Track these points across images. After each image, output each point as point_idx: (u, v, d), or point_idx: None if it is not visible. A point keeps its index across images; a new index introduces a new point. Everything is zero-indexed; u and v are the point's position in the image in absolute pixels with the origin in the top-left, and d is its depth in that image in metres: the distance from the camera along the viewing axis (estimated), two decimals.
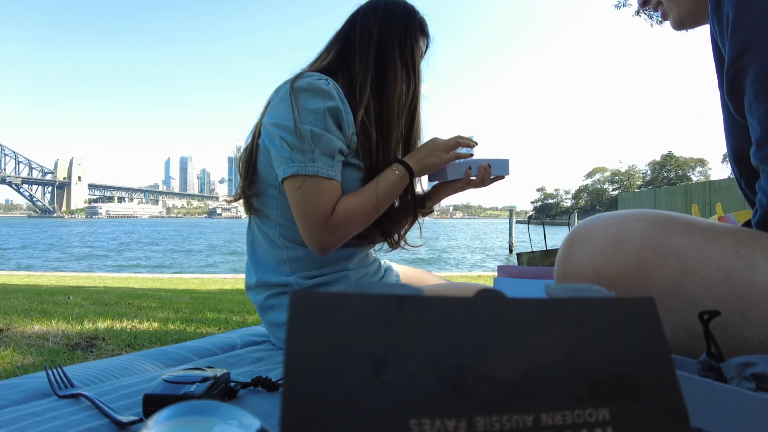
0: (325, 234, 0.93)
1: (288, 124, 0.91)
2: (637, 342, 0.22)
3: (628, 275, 0.60)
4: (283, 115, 0.92)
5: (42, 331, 2.43)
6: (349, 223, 0.95)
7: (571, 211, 11.43)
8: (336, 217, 0.93)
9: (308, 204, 0.92)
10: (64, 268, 12.54)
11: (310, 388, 0.18)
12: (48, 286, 5.26)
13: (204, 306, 3.64)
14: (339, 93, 0.95)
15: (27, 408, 0.67)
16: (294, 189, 0.92)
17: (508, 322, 0.21)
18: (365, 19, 1.05)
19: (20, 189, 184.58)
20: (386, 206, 1.01)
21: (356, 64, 1.02)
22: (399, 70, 1.03)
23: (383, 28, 1.04)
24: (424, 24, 1.10)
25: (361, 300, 0.21)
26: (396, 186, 1.00)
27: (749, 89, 0.58)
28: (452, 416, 0.19)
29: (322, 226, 0.92)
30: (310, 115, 0.91)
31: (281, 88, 0.96)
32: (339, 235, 0.95)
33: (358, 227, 0.98)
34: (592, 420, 0.20)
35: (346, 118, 0.95)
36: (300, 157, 0.91)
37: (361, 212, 0.96)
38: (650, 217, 0.63)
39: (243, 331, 1.24)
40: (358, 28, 1.05)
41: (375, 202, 0.97)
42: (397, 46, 1.04)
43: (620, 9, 7.40)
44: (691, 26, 0.76)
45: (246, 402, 0.72)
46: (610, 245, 0.62)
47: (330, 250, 0.97)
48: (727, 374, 0.49)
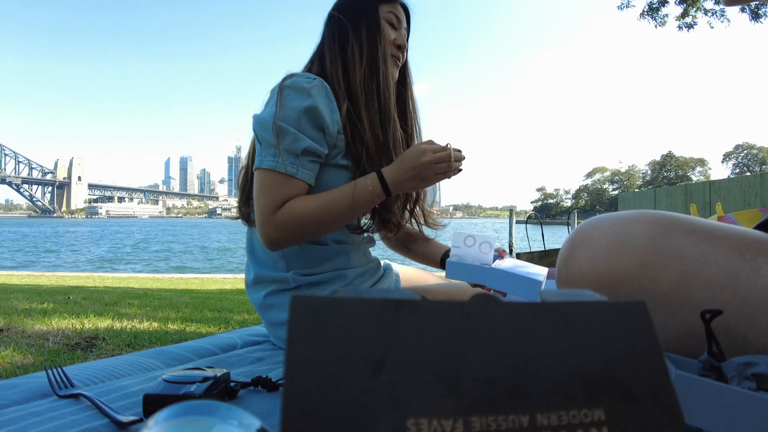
0: (266, 228, 0.91)
1: (264, 119, 0.93)
2: (629, 344, 0.22)
3: (632, 277, 0.59)
4: (265, 111, 0.95)
5: (42, 331, 2.43)
6: (294, 224, 0.91)
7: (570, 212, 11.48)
8: (279, 215, 0.90)
9: (259, 197, 0.92)
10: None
11: (309, 388, 0.19)
12: (48, 286, 5.26)
13: (204, 306, 3.64)
14: (323, 92, 0.94)
15: (27, 408, 0.67)
16: (255, 181, 0.94)
17: (502, 325, 0.22)
18: (330, 18, 1.07)
19: (20, 189, 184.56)
20: (348, 218, 0.96)
21: (328, 62, 1.02)
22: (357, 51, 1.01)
23: (340, 17, 1.04)
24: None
25: (360, 304, 0.21)
26: (365, 201, 0.93)
27: None
28: (449, 416, 0.19)
29: (266, 221, 0.91)
30: (284, 112, 0.92)
31: (273, 89, 0.98)
32: (280, 234, 0.91)
33: (307, 232, 0.93)
34: (587, 420, 0.20)
35: (329, 117, 0.94)
36: (265, 151, 0.92)
37: (313, 218, 0.91)
38: (653, 218, 0.62)
39: (243, 331, 1.24)
40: (326, 28, 1.07)
41: (335, 213, 0.92)
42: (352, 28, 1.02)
43: (623, 10, 7.42)
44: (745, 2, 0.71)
45: (246, 402, 0.72)
46: (613, 247, 0.61)
47: (276, 246, 0.93)
48: (728, 374, 0.49)
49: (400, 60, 1.09)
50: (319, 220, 0.92)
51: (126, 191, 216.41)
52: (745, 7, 7.08)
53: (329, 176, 0.97)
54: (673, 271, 0.58)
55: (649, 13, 7.38)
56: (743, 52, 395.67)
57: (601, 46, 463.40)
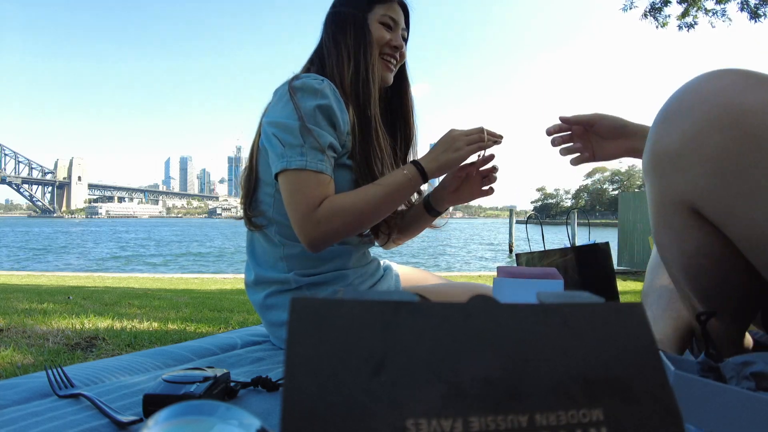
0: (308, 228, 0.91)
1: (281, 122, 0.92)
2: (628, 345, 0.22)
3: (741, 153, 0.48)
4: (278, 113, 0.94)
5: (42, 331, 2.43)
6: (336, 218, 0.91)
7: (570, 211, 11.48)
8: (320, 211, 0.90)
9: (294, 197, 0.91)
10: None
11: (309, 388, 0.19)
12: (48, 286, 5.27)
13: (204, 306, 3.64)
14: (334, 92, 0.95)
15: (27, 408, 0.67)
16: (284, 184, 0.93)
17: (502, 325, 0.22)
18: (327, 18, 1.07)
19: (20, 189, 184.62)
20: (388, 209, 0.98)
21: (327, 64, 1.03)
22: (345, 55, 1.02)
23: (335, 18, 1.05)
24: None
25: (360, 305, 0.21)
26: (403, 188, 0.95)
27: None
28: (448, 416, 0.19)
29: (306, 219, 0.90)
30: (303, 112, 0.92)
31: (279, 90, 0.98)
32: (323, 230, 0.91)
33: (348, 226, 0.93)
34: (586, 420, 0.20)
35: (340, 116, 0.95)
36: (290, 152, 0.91)
37: (352, 210, 0.92)
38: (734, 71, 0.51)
39: (243, 331, 1.24)
40: (324, 28, 1.08)
41: (373, 202, 0.93)
42: (342, 31, 1.03)
43: (627, 12, 7.42)
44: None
45: (246, 402, 0.72)
46: (722, 115, 0.49)
47: (318, 246, 0.93)
48: (726, 374, 0.49)
49: (396, 61, 1.09)
50: (360, 211, 0.92)
51: (126, 191, 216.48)
52: (745, 7, 7.08)
53: (336, 176, 0.98)
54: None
55: (651, 13, 7.39)
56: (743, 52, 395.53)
57: (600, 47, 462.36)
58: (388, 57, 1.07)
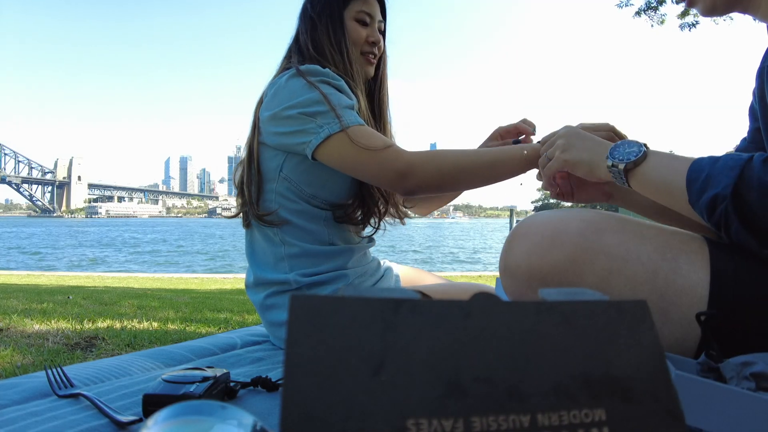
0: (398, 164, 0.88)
1: (301, 100, 0.91)
2: (630, 344, 0.22)
3: (560, 271, 0.62)
4: (291, 95, 0.92)
5: (42, 331, 2.43)
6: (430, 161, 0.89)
7: None
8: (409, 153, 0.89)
9: (362, 144, 0.88)
10: None
11: (309, 388, 0.19)
12: (48, 285, 5.27)
13: (204, 306, 3.64)
14: (340, 79, 0.97)
15: (27, 408, 0.67)
16: (338, 148, 0.90)
17: (503, 324, 0.22)
18: (303, 11, 1.07)
19: (20, 189, 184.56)
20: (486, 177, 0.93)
21: (308, 56, 1.02)
22: (328, 47, 1.02)
23: (311, 13, 1.04)
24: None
25: (360, 303, 0.21)
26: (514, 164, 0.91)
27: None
28: (449, 416, 0.19)
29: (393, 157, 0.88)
30: (318, 87, 0.92)
31: (276, 82, 0.97)
32: (418, 160, 0.89)
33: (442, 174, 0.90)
34: (588, 420, 0.20)
35: (351, 94, 0.97)
36: (327, 119, 0.89)
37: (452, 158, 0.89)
38: (587, 216, 0.65)
39: (243, 331, 1.24)
40: (300, 22, 1.08)
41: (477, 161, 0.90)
42: (321, 26, 1.03)
43: (622, 8, 7.38)
44: (723, 13, 0.72)
45: (246, 402, 0.72)
46: (546, 242, 0.64)
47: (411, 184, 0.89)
48: (726, 374, 0.49)
49: (374, 56, 1.09)
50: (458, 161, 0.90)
51: (126, 191, 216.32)
52: None
53: (336, 174, 0.98)
54: (598, 267, 0.61)
55: (646, 11, 7.34)
56: (743, 52, 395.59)
57: (601, 44, 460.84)
58: (366, 54, 1.08)
